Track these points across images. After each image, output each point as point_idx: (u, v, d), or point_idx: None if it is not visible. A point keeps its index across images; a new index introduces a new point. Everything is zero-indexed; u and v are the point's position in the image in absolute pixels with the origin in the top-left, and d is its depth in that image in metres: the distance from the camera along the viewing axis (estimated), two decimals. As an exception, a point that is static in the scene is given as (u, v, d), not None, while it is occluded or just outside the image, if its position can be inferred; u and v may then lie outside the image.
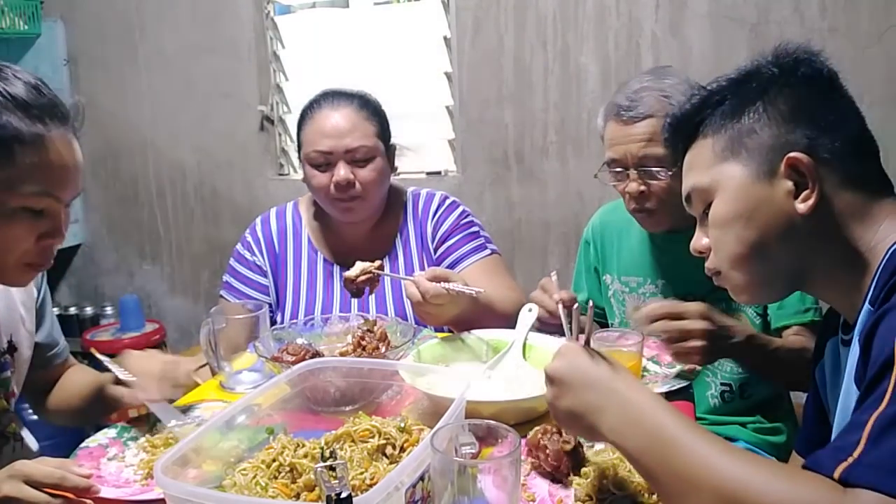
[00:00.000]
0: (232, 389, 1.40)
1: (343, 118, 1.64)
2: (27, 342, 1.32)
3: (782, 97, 0.89)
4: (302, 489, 0.93)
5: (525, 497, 0.99)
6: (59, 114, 1.08)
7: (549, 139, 2.53)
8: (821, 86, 0.90)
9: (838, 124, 0.88)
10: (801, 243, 0.87)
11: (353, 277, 1.48)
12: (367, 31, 2.74)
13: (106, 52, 3.01)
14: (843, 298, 0.88)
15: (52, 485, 0.97)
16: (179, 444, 0.93)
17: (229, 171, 2.95)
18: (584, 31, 2.43)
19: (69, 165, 1.08)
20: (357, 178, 1.62)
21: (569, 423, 0.89)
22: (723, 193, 0.90)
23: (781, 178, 0.86)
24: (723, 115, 0.91)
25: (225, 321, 1.41)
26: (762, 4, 2.26)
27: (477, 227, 1.77)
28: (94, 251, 3.22)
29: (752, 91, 0.90)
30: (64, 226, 1.11)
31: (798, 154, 0.85)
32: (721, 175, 0.90)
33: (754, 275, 0.91)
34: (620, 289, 1.68)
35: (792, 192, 0.86)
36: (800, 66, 0.90)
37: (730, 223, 0.89)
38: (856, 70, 2.21)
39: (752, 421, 1.59)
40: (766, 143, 0.87)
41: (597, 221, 1.77)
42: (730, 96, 0.92)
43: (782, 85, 0.89)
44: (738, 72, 0.94)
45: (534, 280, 2.53)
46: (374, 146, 1.65)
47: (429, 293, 1.40)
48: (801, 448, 1.03)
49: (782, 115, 0.88)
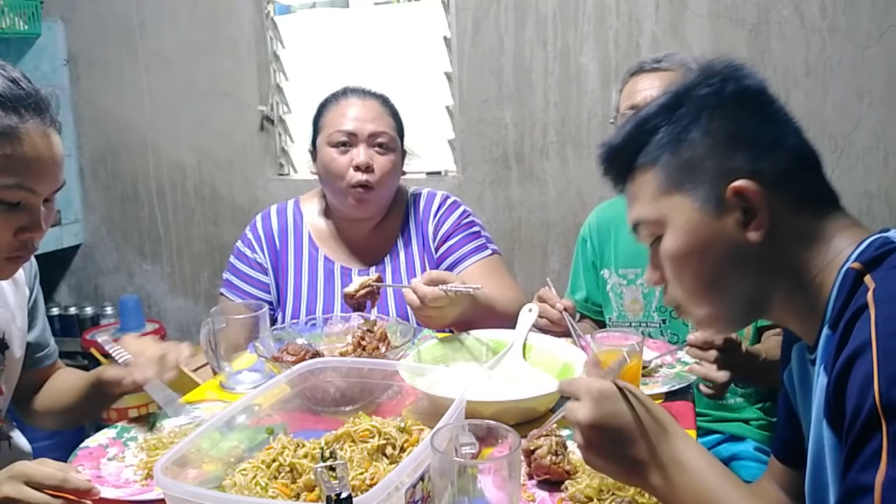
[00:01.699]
0: (232, 389, 1.40)
1: (368, 107, 1.69)
2: (18, 341, 1.31)
3: (716, 122, 0.85)
4: (302, 489, 0.94)
5: (525, 497, 0.99)
6: (35, 105, 1.05)
7: (549, 139, 2.53)
8: (752, 103, 0.86)
9: (778, 142, 0.85)
10: (756, 272, 0.85)
11: (352, 293, 1.48)
12: (367, 31, 2.74)
13: (106, 52, 3.01)
14: (801, 322, 0.86)
15: (53, 486, 0.97)
16: (179, 445, 0.93)
17: (229, 171, 2.95)
18: (584, 31, 2.43)
19: (45, 158, 1.06)
20: (375, 164, 1.65)
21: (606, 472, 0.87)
22: (672, 229, 0.87)
23: (729, 207, 0.83)
24: (659, 146, 0.88)
25: (225, 321, 1.41)
26: (762, 4, 2.26)
27: (478, 226, 1.78)
28: (94, 251, 3.22)
29: (684, 116, 0.87)
30: (43, 219, 1.10)
31: (742, 182, 0.82)
32: (668, 209, 0.87)
33: (715, 308, 0.88)
34: (618, 282, 1.71)
35: (740, 221, 0.83)
36: (727, 84, 0.86)
37: (683, 260, 0.87)
38: (856, 70, 2.21)
39: (756, 418, 1.60)
40: (708, 173, 0.84)
41: (593, 219, 1.80)
42: (664, 124, 0.88)
43: (714, 107, 0.85)
44: (668, 95, 0.89)
45: (534, 280, 2.56)
46: (394, 137, 1.70)
47: (427, 297, 1.40)
48: (777, 451, 1.02)
49: (719, 142, 0.85)
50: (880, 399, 0.65)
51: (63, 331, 3.03)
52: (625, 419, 0.83)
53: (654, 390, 1.28)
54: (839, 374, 0.71)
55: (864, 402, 0.67)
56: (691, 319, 0.93)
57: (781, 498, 1.00)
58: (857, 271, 0.77)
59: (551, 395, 1.21)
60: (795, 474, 0.96)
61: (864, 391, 0.67)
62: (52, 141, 1.08)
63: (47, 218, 1.11)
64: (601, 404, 0.83)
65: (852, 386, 0.69)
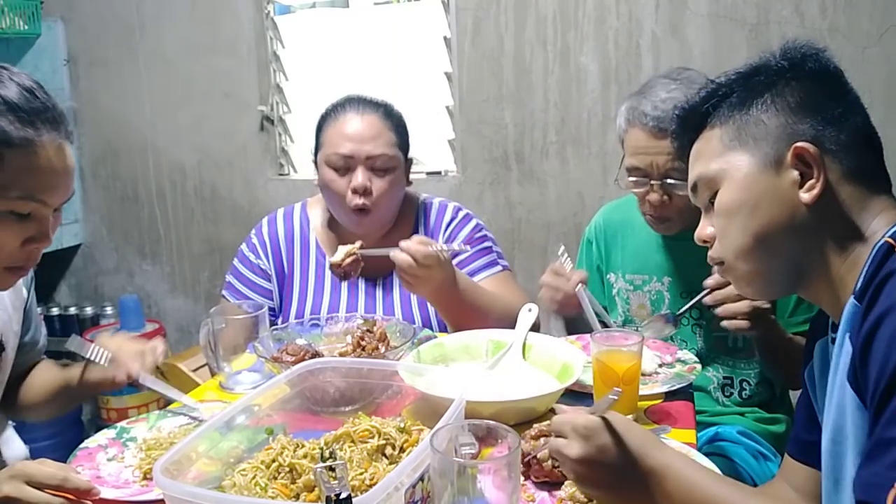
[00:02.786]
0: (231, 390, 1.40)
1: (367, 124, 1.62)
2: (12, 343, 1.31)
3: (790, 89, 0.90)
4: (301, 490, 0.94)
5: (525, 497, 0.99)
6: (52, 118, 1.06)
7: (549, 139, 2.53)
8: (827, 80, 0.91)
9: (844, 118, 0.88)
10: (802, 234, 0.88)
11: (339, 262, 1.49)
12: (367, 31, 2.74)
13: (106, 52, 3.01)
14: (833, 296, 0.89)
15: (53, 486, 0.97)
16: (179, 445, 0.93)
17: (229, 171, 2.95)
18: (584, 31, 2.43)
19: (59, 171, 1.07)
20: (373, 186, 1.61)
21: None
22: (729, 182, 0.91)
23: (788, 167, 0.87)
24: (731, 107, 0.93)
25: (224, 321, 1.41)
26: (762, 4, 2.26)
27: (490, 241, 1.76)
28: (94, 251, 3.22)
29: (760, 84, 0.91)
30: (51, 230, 1.10)
31: (805, 144, 0.86)
32: (728, 164, 0.91)
33: (758, 265, 0.91)
34: (625, 287, 1.68)
35: (797, 182, 0.87)
36: (807, 60, 0.91)
37: (735, 212, 0.90)
38: (856, 70, 2.20)
39: (752, 411, 1.60)
40: (774, 133, 0.88)
41: (600, 220, 1.76)
42: (738, 89, 0.93)
43: (790, 78, 0.90)
44: (747, 66, 0.95)
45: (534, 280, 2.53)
46: (394, 156, 1.63)
47: (419, 255, 1.41)
48: (794, 450, 1.03)
49: (790, 107, 0.89)
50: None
51: (63, 331, 3.03)
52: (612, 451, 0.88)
53: (653, 390, 1.28)
54: (866, 335, 0.74)
55: (890, 359, 0.70)
56: (733, 277, 0.96)
57: (793, 498, 1.01)
58: (889, 245, 0.79)
59: (551, 395, 1.21)
60: (810, 473, 0.98)
61: (890, 349, 0.70)
62: (66, 154, 1.08)
63: (54, 227, 1.12)
64: (589, 440, 0.88)
65: (878, 345, 0.72)
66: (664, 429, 1.16)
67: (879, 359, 0.72)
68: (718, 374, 1.59)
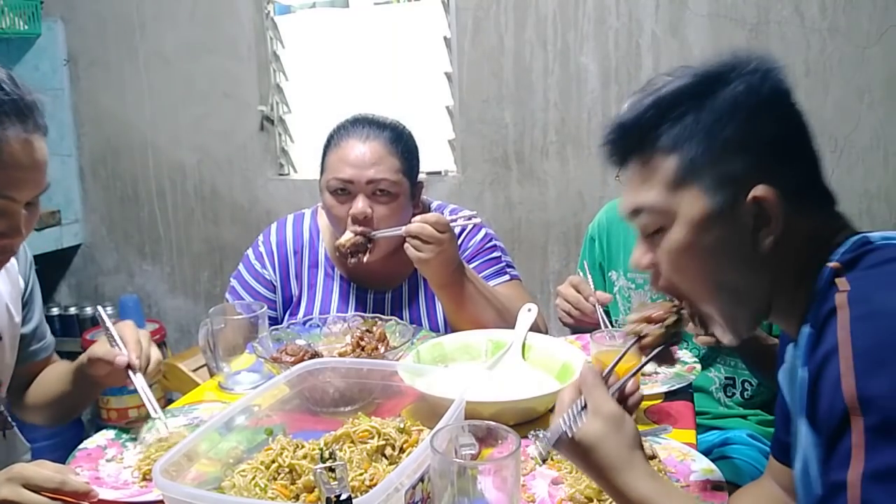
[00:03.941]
0: (231, 390, 1.40)
1: (370, 150, 1.55)
2: (11, 332, 1.29)
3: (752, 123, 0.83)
4: (301, 490, 0.94)
5: (525, 497, 0.99)
6: (18, 111, 1.01)
7: (549, 139, 2.53)
8: (785, 106, 0.86)
9: (802, 150, 0.85)
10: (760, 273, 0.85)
11: (345, 243, 1.52)
12: (367, 31, 2.73)
13: (106, 52, 3.00)
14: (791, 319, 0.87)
15: (51, 489, 0.96)
16: (178, 446, 0.93)
17: (229, 171, 2.95)
18: (584, 31, 2.43)
19: (25, 166, 1.03)
20: (374, 213, 1.55)
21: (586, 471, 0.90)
22: (683, 223, 0.85)
23: (744, 211, 0.82)
24: (685, 134, 0.85)
25: (224, 321, 1.41)
26: (762, 4, 2.25)
27: (499, 251, 1.73)
28: (94, 251, 3.22)
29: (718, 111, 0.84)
30: (24, 224, 1.07)
31: (765, 191, 0.81)
32: (682, 201, 0.85)
33: (720, 305, 0.88)
34: (626, 285, 1.68)
35: (751, 225, 0.83)
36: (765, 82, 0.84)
37: (690, 255, 0.85)
38: (856, 70, 2.21)
39: (753, 414, 1.59)
40: (734, 173, 0.83)
41: (602, 218, 1.76)
42: (692, 110, 0.85)
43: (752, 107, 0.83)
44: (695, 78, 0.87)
45: (534, 280, 2.56)
46: (397, 181, 1.55)
47: (433, 219, 1.44)
48: (775, 451, 1.04)
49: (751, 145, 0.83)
50: (847, 399, 0.69)
51: (63, 331, 3.03)
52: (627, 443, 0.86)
53: (653, 390, 1.28)
54: (814, 376, 0.75)
55: (835, 403, 0.70)
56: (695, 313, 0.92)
57: (782, 496, 1.01)
58: (833, 270, 0.79)
59: (551, 395, 1.21)
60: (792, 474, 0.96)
61: (834, 392, 0.70)
62: (35, 147, 1.04)
63: (30, 220, 1.09)
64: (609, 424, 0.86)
65: (825, 388, 0.72)
66: (664, 429, 1.16)
67: (826, 401, 0.71)
68: (720, 375, 1.59)
